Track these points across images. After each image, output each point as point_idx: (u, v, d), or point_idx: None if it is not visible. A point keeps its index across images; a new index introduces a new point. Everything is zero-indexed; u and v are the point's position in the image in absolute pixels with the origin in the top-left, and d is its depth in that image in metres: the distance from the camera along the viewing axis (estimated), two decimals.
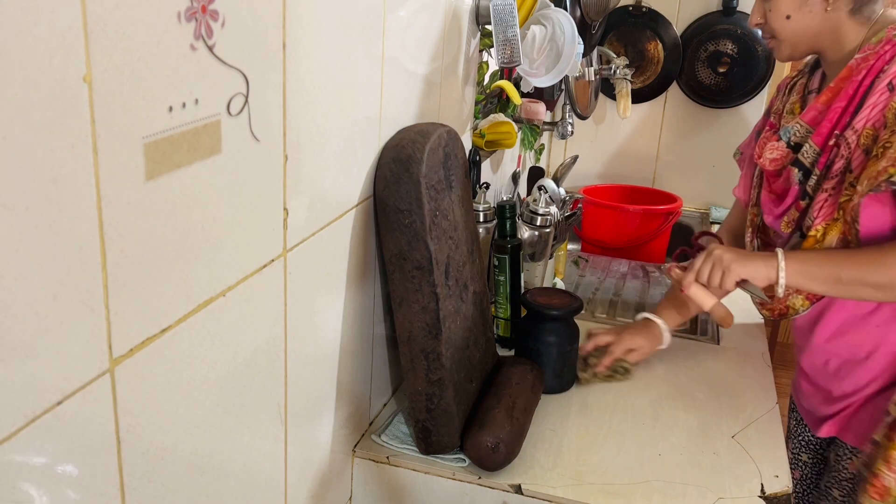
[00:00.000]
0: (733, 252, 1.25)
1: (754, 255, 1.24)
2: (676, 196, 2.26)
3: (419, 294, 1.01)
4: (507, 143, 1.46)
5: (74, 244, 0.53)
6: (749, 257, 1.23)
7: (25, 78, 0.46)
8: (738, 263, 1.22)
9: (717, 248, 1.26)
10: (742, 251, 1.27)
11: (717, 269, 1.24)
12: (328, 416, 1.01)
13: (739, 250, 1.27)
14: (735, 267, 1.22)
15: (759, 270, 1.21)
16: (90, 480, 0.58)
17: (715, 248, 1.26)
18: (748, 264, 1.22)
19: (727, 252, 1.24)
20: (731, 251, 1.25)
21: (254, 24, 0.69)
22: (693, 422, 1.23)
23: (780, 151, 1.30)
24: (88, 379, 0.56)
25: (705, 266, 1.25)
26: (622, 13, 2.33)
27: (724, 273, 1.23)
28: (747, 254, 1.25)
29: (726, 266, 1.23)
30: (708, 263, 1.25)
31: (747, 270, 1.22)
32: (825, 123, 1.22)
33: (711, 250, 1.26)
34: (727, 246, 1.30)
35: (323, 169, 0.88)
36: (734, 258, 1.23)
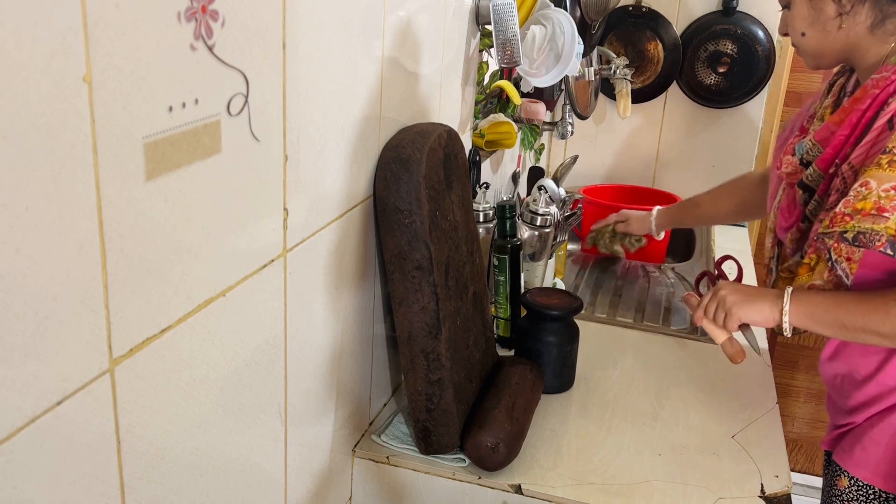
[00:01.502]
0: (739, 294, 1.22)
1: (761, 296, 1.20)
2: (676, 196, 2.26)
3: (419, 294, 1.01)
4: (507, 143, 1.46)
5: (74, 244, 0.53)
6: (753, 299, 1.21)
7: (25, 78, 0.46)
8: (740, 307, 1.21)
9: (725, 287, 1.25)
10: (750, 291, 1.23)
11: (721, 311, 1.23)
12: (328, 416, 1.01)
13: (747, 290, 1.24)
14: (736, 311, 1.21)
15: (764, 313, 1.19)
16: (90, 480, 0.58)
17: (722, 288, 1.24)
18: (751, 308, 1.20)
19: (733, 293, 1.22)
20: (737, 292, 1.23)
21: (254, 24, 0.69)
22: (693, 422, 1.23)
23: (793, 167, 1.26)
24: (88, 379, 0.56)
25: (711, 305, 1.24)
26: (622, 13, 2.33)
27: (727, 316, 1.22)
28: (753, 295, 1.22)
29: (728, 309, 1.22)
30: (713, 303, 1.24)
31: (749, 315, 1.20)
32: (829, 149, 1.18)
33: (718, 289, 1.25)
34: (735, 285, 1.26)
35: (323, 169, 0.88)
36: (737, 301, 1.21)
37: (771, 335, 1.92)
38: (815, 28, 1.21)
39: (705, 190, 1.84)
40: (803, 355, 2.70)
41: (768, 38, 2.28)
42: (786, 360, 2.72)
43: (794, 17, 1.23)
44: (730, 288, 1.24)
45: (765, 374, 1.40)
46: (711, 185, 2.43)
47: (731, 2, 2.27)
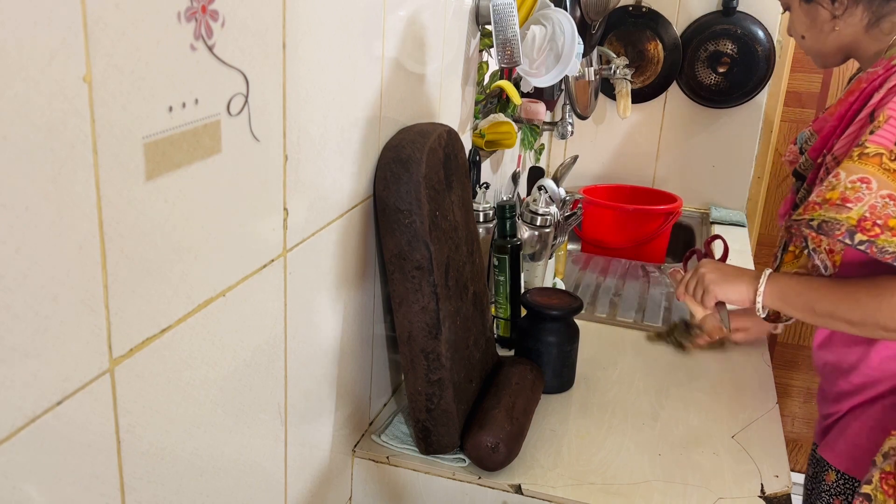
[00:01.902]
0: (718, 272, 1.27)
1: (738, 276, 1.25)
2: (676, 196, 2.26)
3: (419, 294, 1.01)
4: (507, 143, 1.47)
5: (74, 244, 0.53)
6: (732, 279, 1.25)
7: (25, 78, 0.46)
8: (717, 285, 1.25)
9: (705, 265, 1.30)
10: (729, 270, 1.28)
11: (699, 288, 1.28)
12: (328, 416, 1.01)
13: (727, 269, 1.28)
14: (713, 289, 1.26)
15: (740, 293, 1.23)
16: (90, 480, 0.58)
17: (703, 266, 1.29)
18: (727, 287, 1.25)
19: (712, 272, 1.27)
20: (717, 271, 1.27)
21: (254, 24, 0.69)
22: (693, 422, 1.23)
23: (793, 155, 1.32)
24: (88, 379, 0.56)
25: (692, 282, 1.30)
26: (622, 13, 2.33)
27: (705, 293, 1.27)
28: (731, 274, 1.26)
29: (706, 286, 1.27)
30: (694, 280, 1.29)
31: (725, 293, 1.25)
32: (819, 139, 1.22)
33: (699, 267, 1.30)
34: (716, 264, 1.31)
35: (323, 169, 0.88)
36: (715, 279, 1.26)
37: (771, 335, 1.92)
38: (812, 31, 1.26)
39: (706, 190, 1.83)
40: (803, 355, 2.70)
41: (768, 38, 2.28)
42: (786, 360, 2.72)
43: (793, 21, 1.29)
44: (710, 266, 1.29)
45: (765, 374, 1.40)
46: (711, 184, 2.44)
47: (731, 2, 2.27)
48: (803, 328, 2.71)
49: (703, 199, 2.45)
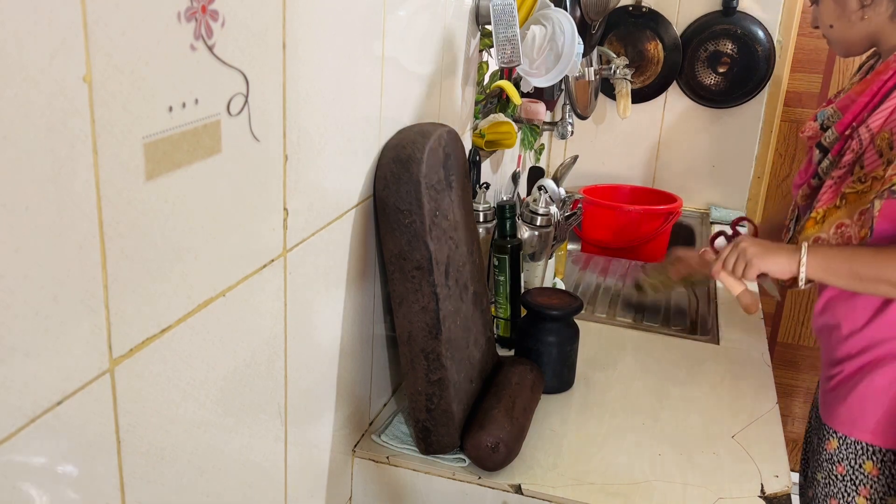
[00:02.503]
0: (758, 245, 1.31)
1: (778, 249, 1.29)
2: (676, 196, 2.26)
3: (419, 294, 1.01)
4: (507, 143, 1.46)
5: (74, 244, 0.53)
6: (772, 252, 1.29)
7: (25, 78, 0.46)
8: (760, 258, 1.29)
9: (745, 240, 1.33)
10: (769, 244, 1.32)
11: (741, 262, 1.31)
12: (328, 416, 1.01)
13: (766, 243, 1.32)
14: (756, 261, 1.29)
15: (781, 265, 1.27)
16: (90, 480, 0.58)
17: (742, 240, 1.33)
18: (769, 259, 1.28)
19: (752, 245, 1.31)
20: (756, 244, 1.31)
21: (254, 24, 0.69)
22: (693, 422, 1.23)
23: (813, 131, 1.39)
24: (88, 379, 0.56)
25: (731, 257, 1.32)
26: (622, 13, 2.33)
27: (747, 266, 1.30)
28: (772, 248, 1.30)
29: (749, 259, 1.29)
30: (734, 254, 1.32)
31: (767, 265, 1.28)
32: (848, 115, 1.29)
33: (738, 241, 1.33)
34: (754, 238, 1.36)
35: (323, 169, 0.88)
36: (757, 252, 1.29)
37: (771, 335, 1.91)
38: (841, 20, 1.33)
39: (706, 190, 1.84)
40: (803, 355, 2.70)
41: (768, 38, 2.28)
42: (786, 360, 2.72)
43: (822, 11, 1.36)
44: (750, 241, 1.32)
45: (765, 374, 1.40)
46: (711, 184, 2.44)
47: (731, 2, 2.27)
48: (803, 329, 2.71)
49: (703, 199, 2.45)
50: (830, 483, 1.39)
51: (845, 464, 1.35)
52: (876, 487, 1.33)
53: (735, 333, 1.57)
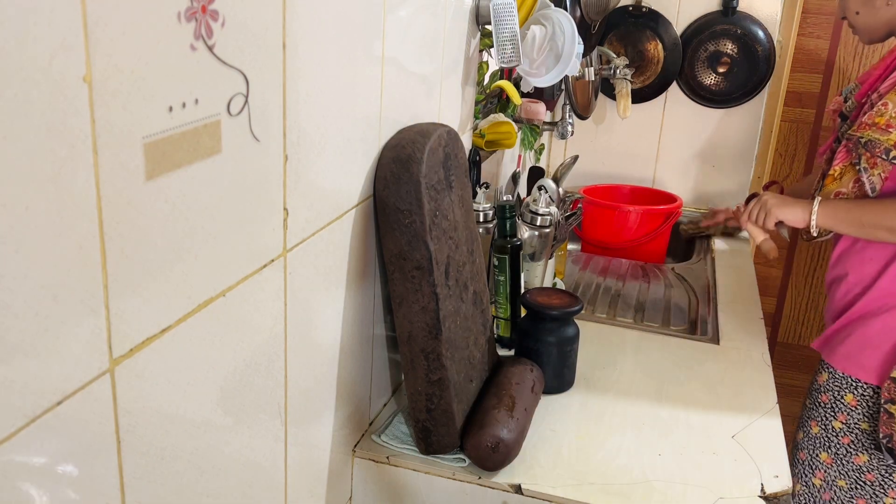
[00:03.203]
0: (777, 198, 1.57)
1: (795, 202, 1.55)
2: (676, 196, 2.26)
3: (419, 294, 1.01)
4: (507, 143, 1.46)
5: (74, 244, 0.53)
6: (789, 203, 1.55)
7: (25, 78, 0.46)
8: (778, 208, 1.56)
9: (768, 194, 1.60)
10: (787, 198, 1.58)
11: (762, 212, 1.58)
12: (328, 416, 1.01)
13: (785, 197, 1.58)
14: (774, 211, 1.56)
15: (796, 214, 1.52)
16: (90, 480, 0.58)
17: (765, 195, 1.60)
18: (786, 209, 1.54)
19: (773, 198, 1.58)
20: (776, 197, 1.58)
21: (254, 24, 0.69)
22: (693, 422, 1.23)
23: (837, 104, 1.61)
24: (88, 379, 0.56)
25: (755, 208, 1.60)
26: (622, 13, 2.33)
27: (767, 215, 1.57)
28: (789, 200, 1.56)
29: (768, 210, 1.57)
30: (756, 206, 1.60)
31: (784, 214, 1.55)
32: (865, 85, 1.51)
33: (761, 196, 1.61)
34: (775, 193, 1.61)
35: (323, 169, 0.88)
36: (776, 203, 1.56)
37: (771, 335, 1.92)
38: (866, 7, 1.52)
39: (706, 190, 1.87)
40: (803, 355, 2.70)
41: (768, 38, 2.28)
42: (786, 360, 2.72)
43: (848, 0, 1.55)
44: (771, 195, 1.60)
45: (765, 374, 1.40)
46: (711, 184, 2.44)
47: (731, 2, 2.27)
48: (803, 329, 2.71)
49: (704, 200, 2.45)
50: (814, 408, 1.65)
51: (829, 394, 1.61)
52: (853, 415, 1.59)
53: (735, 333, 1.57)
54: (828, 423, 1.62)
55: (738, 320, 1.63)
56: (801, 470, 1.69)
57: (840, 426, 1.61)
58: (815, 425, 1.65)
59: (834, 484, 1.64)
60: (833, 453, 1.62)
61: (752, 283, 1.86)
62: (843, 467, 1.62)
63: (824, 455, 1.64)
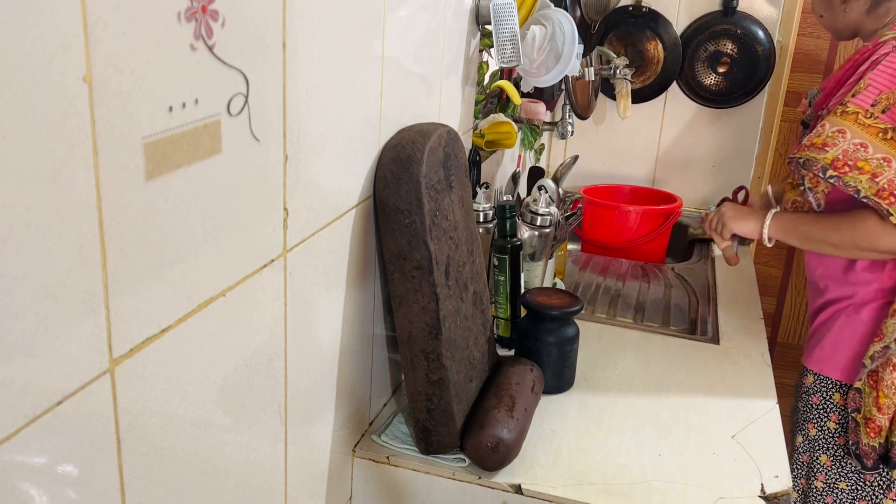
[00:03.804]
0: (735, 210, 1.62)
1: (751, 214, 1.60)
2: (676, 196, 2.26)
3: (419, 294, 1.01)
4: (507, 143, 1.47)
5: (74, 244, 0.53)
6: (745, 216, 1.60)
7: (25, 78, 0.46)
8: (733, 221, 1.60)
9: (727, 206, 1.64)
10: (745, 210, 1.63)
11: (720, 223, 1.63)
12: (328, 416, 1.01)
13: (743, 209, 1.63)
14: (730, 223, 1.61)
15: (749, 227, 1.58)
16: (90, 480, 0.58)
17: (724, 207, 1.64)
18: (741, 222, 1.59)
19: (730, 210, 1.62)
20: (734, 210, 1.62)
21: (254, 24, 0.69)
22: (693, 422, 1.23)
23: (803, 107, 1.67)
24: (88, 379, 0.56)
25: (714, 218, 1.65)
26: (622, 13, 2.33)
27: (723, 227, 1.62)
28: (745, 213, 1.61)
29: (724, 222, 1.62)
30: (715, 216, 1.65)
31: (738, 227, 1.60)
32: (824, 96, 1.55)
33: (721, 207, 1.65)
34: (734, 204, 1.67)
35: (323, 169, 0.88)
36: (732, 216, 1.61)
37: (771, 335, 1.92)
38: (828, 11, 1.58)
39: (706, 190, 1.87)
40: None
41: (768, 38, 2.28)
42: (786, 360, 2.72)
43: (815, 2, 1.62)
44: (730, 207, 1.64)
45: (765, 374, 1.41)
46: (711, 184, 2.44)
47: (731, 2, 2.27)
48: (803, 329, 2.71)
49: (703, 199, 2.45)
50: (808, 410, 1.68)
51: (819, 396, 1.64)
52: (843, 414, 1.62)
53: (735, 333, 1.57)
54: (823, 424, 1.65)
55: (738, 320, 1.63)
56: (804, 474, 1.70)
57: (834, 426, 1.63)
58: (813, 427, 1.67)
59: (836, 486, 1.65)
60: (832, 455, 1.65)
61: (752, 283, 1.86)
62: (842, 469, 1.64)
63: (824, 457, 1.66)
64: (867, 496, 1.63)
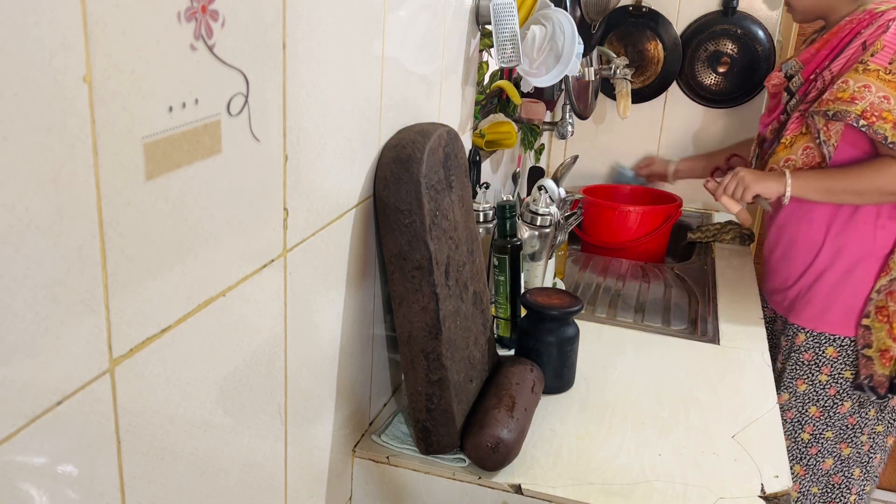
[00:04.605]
0: (753, 174, 1.70)
1: (767, 176, 1.69)
2: (676, 196, 2.26)
3: (419, 294, 1.01)
4: (507, 143, 1.47)
5: (74, 244, 0.53)
6: (763, 177, 1.69)
7: (25, 78, 0.46)
8: (755, 182, 1.68)
9: (742, 169, 1.72)
10: (759, 172, 1.72)
11: (740, 187, 1.70)
12: (328, 416, 1.01)
13: (758, 172, 1.72)
14: (752, 185, 1.68)
15: (771, 186, 1.67)
16: (90, 480, 0.58)
17: (740, 171, 1.72)
18: (762, 183, 1.68)
19: (749, 174, 1.70)
20: (752, 173, 1.70)
21: (254, 24, 0.69)
22: (693, 422, 1.23)
23: (779, 79, 1.79)
24: (88, 379, 0.56)
25: (731, 183, 1.72)
26: (622, 13, 2.33)
27: (745, 189, 1.69)
28: (762, 175, 1.70)
29: (746, 185, 1.69)
30: (733, 181, 1.71)
31: (761, 187, 1.68)
32: (812, 64, 1.69)
33: (737, 171, 1.72)
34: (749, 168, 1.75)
35: (323, 169, 0.88)
36: (752, 179, 1.69)
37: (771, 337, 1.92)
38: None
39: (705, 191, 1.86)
40: None
41: (768, 38, 2.28)
42: None
43: None
44: (746, 170, 1.72)
45: (765, 374, 1.41)
46: None
47: (731, 2, 2.27)
48: None
49: (703, 199, 2.45)
50: (797, 368, 1.79)
51: (811, 352, 1.77)
52: (835, 366, 1.75)
53: (735, 333, 1.57)
54: (814, 378, 1.77)
55: (738, 320, 1.63)
56: (789, 429, 1.83)
57: (826, 379, 1.77)
58: (802, 383, 1.79)
59: (821, 436, 1.80)
60: (822, 405, 1.78)
61: (752, 283, 1.86)
62: (830, 419, 1.78)
63: (813, 409, 1.79)
64: (848, 438, 1.80)
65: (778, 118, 1.75)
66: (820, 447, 1.81)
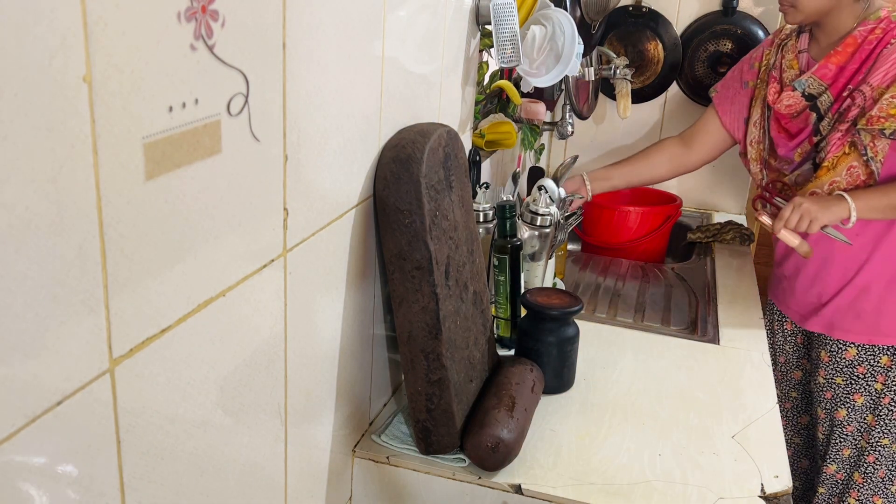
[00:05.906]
0: (816, 202, 1.56)
1: (830, 202, 1.56)
2: (676, 196, 2.26)
3: (419, 294, 1.01)
4: (507, 143, 1.47)
5: (74, 244, 0.53)
6: (829, 204, 1.56)
7: (25, 78, 0.46)
8: (822, 212, 1.55)
9: (803, 199, 1.57)
10: (820, 200, 1.58)
11: (805, 218, 1.55)
12: (328, 416, 1.01)
13: (819, 199, 1.58)
14: (820, 216, 1.55)
15: (837, 213, 1.55)
16: (90, 480, 0.58)
17: (802, 202, 1.57)
18: (829, 212, 1.55)
19: (812, 203, 1.56)
20: (815, 202, 1.56)
21: (254, 24, 0.69)
22: (693, 422, 1.23)
23: (795, 100, 1.66)
24: (88, 379, 0.56)
25: (794, 216, 1.56)
26: (622, 13, 2.33)
27: (812, 221, 1.55)
28: (825, 201, 1.57)
29: (813, 216, 1.55)
30: (797, 213, 1.56)
31: (828, 217, 1.55)
32: (841, 80, 1.59)
33: (799, 203, 1.57)
34: (809, 197, 1.60)
35: (323, 169, 0.88)
36: (818, 209, 1.55)
37: (771, 337, 1.92)
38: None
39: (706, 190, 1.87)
40: None
41: None
42: None
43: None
44: (807, 199, 1.58)
45: (765, 374, 1.41)
46: (711, 184, 2.44)
47: (731, 2, 2.27)
48: None
49: (703, 199, 2.45)
50: (852, 382, 1.74)
51: (865, 364, 1.72)
52: (889, 374, 1.71)
53: (735, 333, 1.57)
54: (871, 388, 1.74)
55: (738, 320, 1.63)
56: (850, 441, 1.80)
57: (881, 387, 1.73)
58: (859, 397, 1.75)
59: (878, 444, 1.77)
60: (877, 414, 1.75)
61: (752, 283, 1.86)
62: (886, 426, 1.75)
63: (870, 417, 1.76)
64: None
65: (810, 140, 1.66)
66: (878, 455, 1.78)
